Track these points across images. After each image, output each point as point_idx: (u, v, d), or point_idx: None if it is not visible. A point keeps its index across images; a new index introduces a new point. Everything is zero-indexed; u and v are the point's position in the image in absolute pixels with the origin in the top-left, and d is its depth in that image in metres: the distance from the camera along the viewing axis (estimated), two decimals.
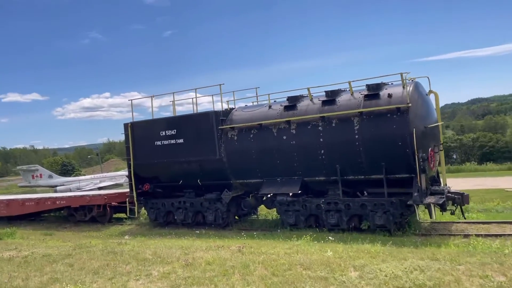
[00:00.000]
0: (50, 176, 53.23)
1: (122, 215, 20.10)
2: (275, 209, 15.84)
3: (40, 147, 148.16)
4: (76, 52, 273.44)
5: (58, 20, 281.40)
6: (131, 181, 17.50)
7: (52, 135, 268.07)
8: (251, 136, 14.88)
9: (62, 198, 19.45)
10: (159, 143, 16.69)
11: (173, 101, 16.99)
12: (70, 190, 48.62)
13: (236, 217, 16.77)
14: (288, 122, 14.16)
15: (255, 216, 17.46)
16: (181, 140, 16.21)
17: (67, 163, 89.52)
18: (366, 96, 13.16)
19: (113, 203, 18.61)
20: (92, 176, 55.93)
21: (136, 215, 18.04)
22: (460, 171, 38.88)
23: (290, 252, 7.85)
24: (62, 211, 20.66)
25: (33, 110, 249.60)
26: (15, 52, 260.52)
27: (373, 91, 13.11)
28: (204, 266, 6.90)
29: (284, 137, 14.19)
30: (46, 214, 22.14)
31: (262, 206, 16.55)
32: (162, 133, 16.61)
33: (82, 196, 19.01)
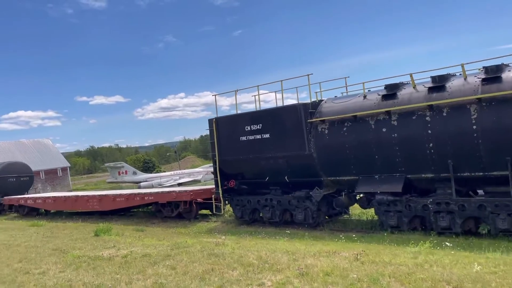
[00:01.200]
0: (134, 173, 56.00)
1: (206, 211, 19.88)
2: (368, 209, 14.54)
3: (124, 146, 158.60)
4: (153, 56, 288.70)
5: (137, 27, 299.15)
6: (217, 177, 17.07)
7: (133, 134, 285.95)
8: (345, 129, 13.58)
9: (150, 194, 19.64)
10: (244, 138, 16.02)
11: (258, 95, 16.19)
12: (152, 186, 50.70)
13: (326, 217, 15.58)
14: (388, 112, 12.64)
15: (347, 216, 16.12)
16: (267, 135, 15.37)
17: (148, 161, 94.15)
18: (484, 80, 11.25)
19: (199, 200, 18.34)
20: (172, 172, 57.93)
21: (222, 212, 17.61)
22: None
23: (420, 262, 6.54)
24: (150, 207, 20.93)
25: (116, 111, 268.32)
26: (100, 58, 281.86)
27: (493, 74, 11.16)
28: (323, 278, 5.86)
29: (384, 130, 12.71)
30: (134, 210, 22.68)
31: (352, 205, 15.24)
32: (247, 128, 15.92)
33: (169, 192, 19.02)
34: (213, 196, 17.61)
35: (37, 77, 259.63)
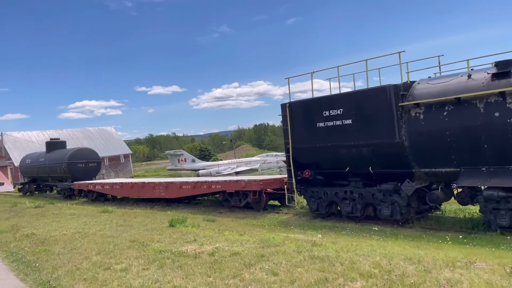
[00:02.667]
0: (193, 160, 56.48)
1: (274, 202, 18.82)
2: (468, 205, 12.66)
3: (180, 134, 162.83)
4: (207, 46, 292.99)
5: (193, 18, 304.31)
6: (290, 166, 15.86)
7: (188, 123, 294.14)
8: (445, 113, 11.74)
9: (217, 183, 18.87)
10: (321, 124, 14.61)
11: (338, 77, 14.65)
12: (210, 174, 50.76)
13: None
14: (503, 94, 10.67)
15: (439, 212, 14.27)
16: (348, 121, 13.86)
17: (204, 149, 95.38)
18: None
19: (269, 190, 17.26)
20: (230, 161, 57.74)
21: (295, 204, 16.44)
22: None
23: None
24: (216, 195, 20.22)
25: (173, 101, 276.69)
26: (158, 50, 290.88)
27: None
28: None
29: (497, 114, 10.76)
30: (199, 198, 22.13)
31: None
32: (325, 113, 14.48)
33: (237, 181, 18.11)
34: (285, 186, 16.50)
35: (100, 68, 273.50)
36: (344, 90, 14.95)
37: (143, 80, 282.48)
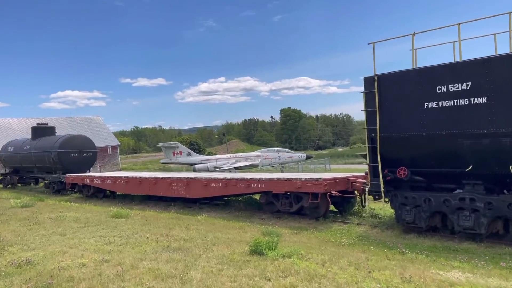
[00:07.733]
0: (189, 154, 51.68)
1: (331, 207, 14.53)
2: None
3: (167, 127, 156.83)
4: (194, 40, 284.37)
5: (179, 11, 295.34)
6: (374, 162, 11.55)
7: (173, 116, 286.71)
8: None
9: (260, 181, 14.38)
10: (432, 104, 10.36)
11: (459, 41, 10.39)
12: (207, 169, 46.08)
13: None
14: None
15: None
16: (481, 99, 9.64)
17: (195, 142, 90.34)
18: None
19: (334, 192, 12.94)
20: (228, 155, 53.13)
21: (364, 211, 12.24)
22: None
23: None
24: (258, 196, 15.78)
25: (158, 94, 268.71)
26: (144, 41, 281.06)
27: None
28: None
29: None
30: (226, 198, 17.65)
31: None
32: (439, 88, 10.24)
33: (289, 180, 13.67)
34: (366, 188, 12.22)
35: (84, 58, 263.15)
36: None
37: (128, 71, 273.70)
